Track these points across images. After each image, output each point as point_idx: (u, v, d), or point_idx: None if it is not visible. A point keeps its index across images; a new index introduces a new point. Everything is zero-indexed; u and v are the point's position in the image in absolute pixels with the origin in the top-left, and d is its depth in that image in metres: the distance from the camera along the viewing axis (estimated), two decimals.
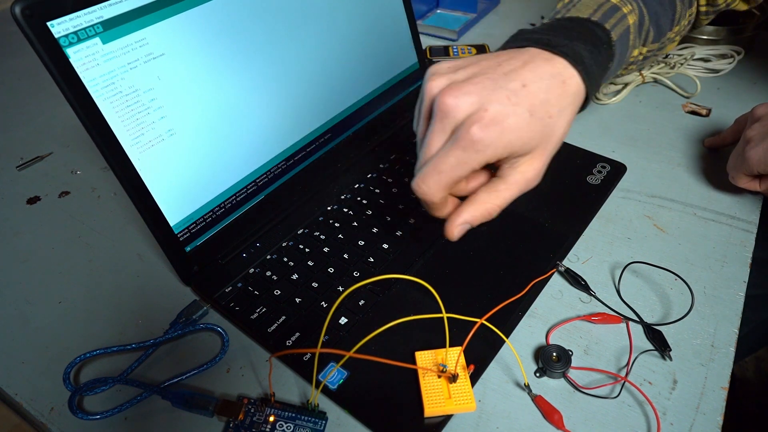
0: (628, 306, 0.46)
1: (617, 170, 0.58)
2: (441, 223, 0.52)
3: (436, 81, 0.37)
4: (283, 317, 0.45)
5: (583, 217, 0.53)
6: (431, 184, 0.36)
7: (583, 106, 0.40)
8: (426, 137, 0.37)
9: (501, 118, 0.34)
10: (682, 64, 0.72)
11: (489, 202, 0.38)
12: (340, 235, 0.52)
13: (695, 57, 0.74)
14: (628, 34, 0.46)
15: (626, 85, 0.71)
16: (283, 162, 0.54)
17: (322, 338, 0.39)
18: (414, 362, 0.41)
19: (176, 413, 0.40)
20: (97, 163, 0.65)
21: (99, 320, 0.47)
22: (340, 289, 0.47)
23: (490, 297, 0.45)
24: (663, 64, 0.74)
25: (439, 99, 0.35)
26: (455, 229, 0.39)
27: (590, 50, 0.40)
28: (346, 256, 0.50)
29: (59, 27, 0.37)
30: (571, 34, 0.41)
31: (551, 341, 0.43)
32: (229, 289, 0.47)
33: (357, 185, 0.57)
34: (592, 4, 0.46)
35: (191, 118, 0.45)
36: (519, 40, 0.41)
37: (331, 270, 0.48)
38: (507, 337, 0.42)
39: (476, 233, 0.51)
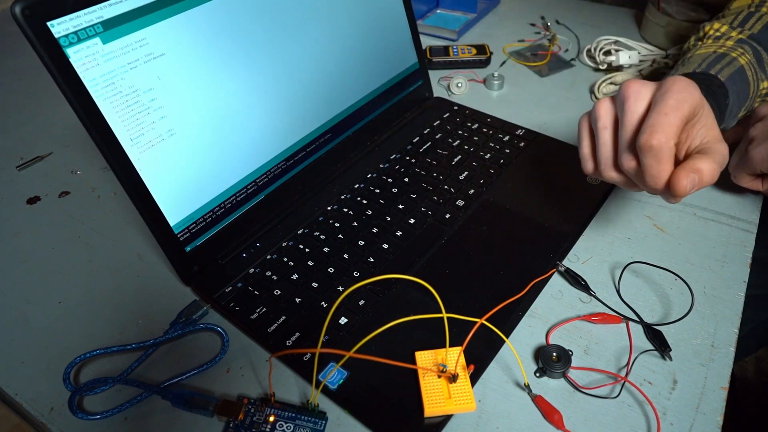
0: (628, 306, 0.46)
1: None
2: (440, 222, 0.52)
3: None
4: (283, 317, 0.45)
5: (583, 217, 0.53)
6: (663, 127, 0.36)
7: None
8: (625, 113, 0.39)
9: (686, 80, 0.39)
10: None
11: (709, 158, 0.37)
12: (340, 235, 0.52)
13: None
14: (744, 72, 0.51)
15: None
16: (283, 162, 0.54)
17: (322, 338, 0.39)
18: (414, 362, 0.41)
19: (176, 413, 0.40)
20: (97, 163, 0.65)
21: (99, 320, 0.47)
22: (340, 289, 0.47)
23: (490, 297, 0.45)
24: (664, 64, 0.74)
25: (624, 86, 0.40)
26: (685, 180, 0.36)
27: (704, 86, 0.46)
28: (346, 256, 0.50)
29: (59, 27, 0.37)
30: None
31: (551, 341, 0.43)
32: (229, 289, 0.47)
33: (357, 185, 0.57)
34: (697, 59, 0.52)
35: (191, 118, 0.45)
36: None
37: (331, 270, 0.48)
38: (507, 337, 0.42)
39: (476, 233, 0.52)
